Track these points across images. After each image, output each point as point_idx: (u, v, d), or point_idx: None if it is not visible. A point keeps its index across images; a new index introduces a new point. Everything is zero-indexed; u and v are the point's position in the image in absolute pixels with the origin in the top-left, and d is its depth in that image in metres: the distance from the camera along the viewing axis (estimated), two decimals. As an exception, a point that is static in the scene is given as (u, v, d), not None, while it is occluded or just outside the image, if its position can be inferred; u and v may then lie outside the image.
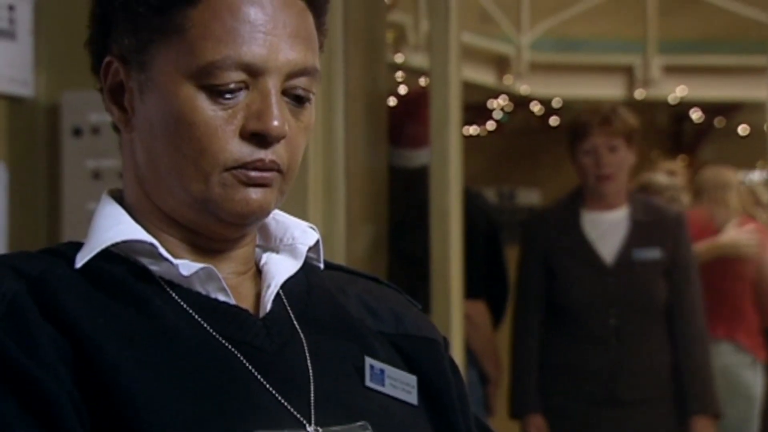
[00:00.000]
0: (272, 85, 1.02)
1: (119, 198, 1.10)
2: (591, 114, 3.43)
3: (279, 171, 1.04)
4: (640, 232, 3.37)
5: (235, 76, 1.01)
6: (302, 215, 1.14)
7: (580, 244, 3.38)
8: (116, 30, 1.05)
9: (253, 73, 1.02)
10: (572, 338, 3.35)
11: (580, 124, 3.43)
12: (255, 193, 1.03)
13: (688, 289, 3.39)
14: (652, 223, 3.39)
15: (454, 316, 3.23)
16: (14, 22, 2.93)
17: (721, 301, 4.31)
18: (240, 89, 1.02)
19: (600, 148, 3.35)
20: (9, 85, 2.93)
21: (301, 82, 1.04)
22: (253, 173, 1.02)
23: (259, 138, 1.02)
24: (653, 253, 3.35)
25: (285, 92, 1.04)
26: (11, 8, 2.93)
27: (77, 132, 2.95)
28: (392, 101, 3.79)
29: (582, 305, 3.34)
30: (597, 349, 3.31)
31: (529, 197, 8.48)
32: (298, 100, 1.05)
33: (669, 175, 5.01)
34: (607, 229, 3.40)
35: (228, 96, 1.01)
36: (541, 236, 3.46)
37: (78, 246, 1.06)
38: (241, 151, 1.02)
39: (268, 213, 1.06)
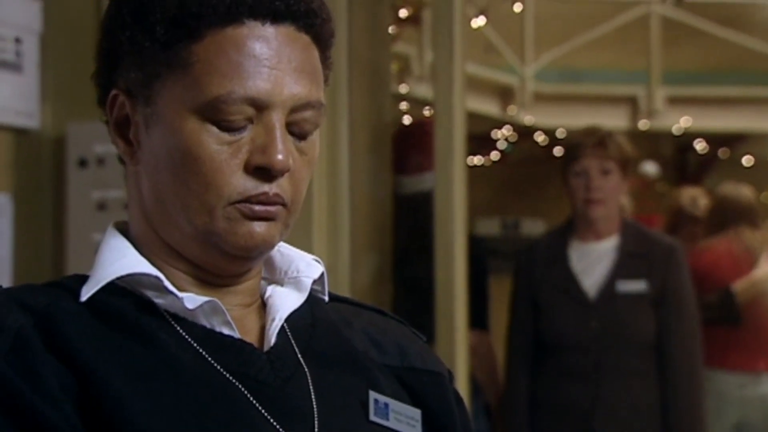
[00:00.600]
0: (277, 119, 1.03)
1: (124, 231, 1.10)
2: (585, 135, 3.31)
3: (283, 205, 1.04)
4: (626, 263, 3.21)
5: (241, 111, 1.02)
6: (307, 245, 1.14)
7: (564, 276, 3.25)
8: (123, 64, 1.05)
9: (258, 107, 1.02)
10: (556, 374, 3.22)
11: (573, 145, 3.31)
12: (259, 227, 1.03)
13: (677, 323, 3.20)
14: (642, 254, 3.23)
15: (458, 346, 3.22)
16: (21, 54, 2.95)
17: (759, 334, 4.24)
18: (245, 124, 1.02)
19: (591, 171, 3.21)
20: (15, 117, 2.94)
21: (305, 115, 1.04)
22: (257, 207, 1.02)
23: (264, 172, 1.02)
24: (638, 286, 3.19)
25: (289, 126, 1.04)
26: (18, 41, 2.94)
27: (82, 163, 2.96)
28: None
29: (564, 340, 3.20)
30: (577, 385, 3.17)
31: (534, 227, 8.47)
32: (303, 134, 1.05)
33: (692, 200, 4.84)
34: (593, 261, 3.26)
35: (233, 130, 1.02)
36: (529, 269, 3.33)
37: (83, 279, 1.06)
38: (245, 185, 1.02)
39: (272, 247, 1.06)
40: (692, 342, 3.23)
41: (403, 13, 5.66)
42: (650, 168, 4.00)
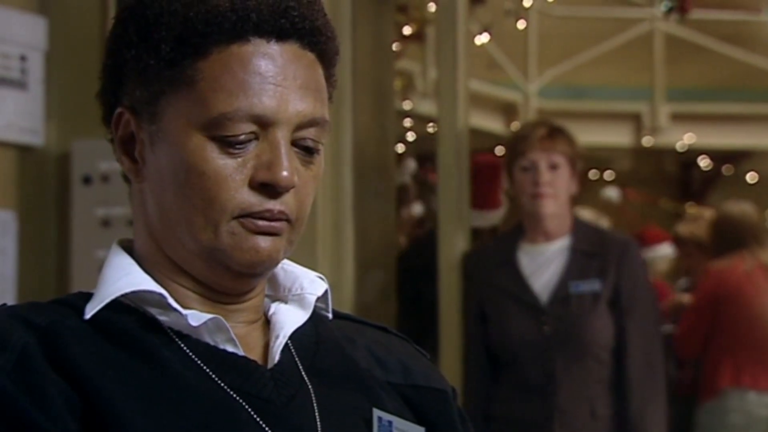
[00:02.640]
0: (282, 136, 1.03)
1: (129, 248, 1.10)
2: (532, 128, 3.09)
3: (287, 221, 1.04)
4: (579, 263, 2.98)
5: (246, 128, 1.02)
6: (311, 262, 1.14)
7: (513, 280, 3.01)
8: (128, 82, 1.06)
9: (263, 124, 1.03)
10: (510, 388, 2.98)
11: (520, 138, 3.07)
12: (264, 242, 1.03)
13: (632, 324, 2.96)
14: (595, 253, 3.00)
15: (461, 365, 3.20)
16: (26, 72, 2.96)
17: None
18: (250, 140, 1.03)
19: (539, 164, 2.98)
20: (20, 135, 2.95)
21: (310, 132, 1.05)
22: (260, 222, 1.03)
23: (269, 188, 1.02)
24: (592, 286, 2.95)
25: (294, 143, 1.05)
26: (23, 58, 2.95)
27: (87, 180, 2.96)
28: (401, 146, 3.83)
29: (515, 349, 2.96)
30: (532, 397, 2.93)
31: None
32: (308, 151, 1.05)
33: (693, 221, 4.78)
34: (544, 262, 3.03)
35: (238, 146, 1.02)
36: (476, 276, 3.12)
37: (87, 296, 1.06)
38: (249, 200, 1.02)
39: (277, 262, 1.06)
40: (649, 345, 3.00)
41: (406, 30, 5.68)
42: (612, 193, 3.72)
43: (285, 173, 1.02)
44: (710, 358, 4.15)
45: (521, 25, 6.75)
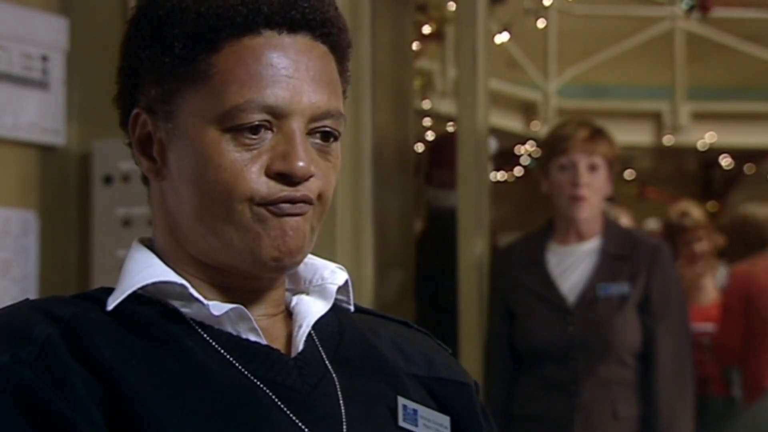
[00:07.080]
0: (297, 126, 1.03)
1: (149, 246, 1.11)
2: (574, 127, 3.04)
3: (310, 203, 1.04)
4: (608, 266, 2.97)
5: (259, 117, 1.02)
6: (330, 260, 1.14)
7: (540, 280, 3.01)
8: (143, 83, 1.06)
9: (278, 115, 1.03)
10: (533, 386, 2.98)
11: (561, 137, 3.04)
12: (290, 225, 1.03)
13: (662, 328, 2.95)
14: (625, 255, 2.98)
15: (482, 365, 3.20)
16: (47, 72, 2.97)
17: None
18: (264, 129, 1.03)
19: (579, 165, 2.98)
20: (41, 135, 2.96)
21: (325, 124, 1.05)
22: (284, 205, 1.03)
23: (285, 178, 1.03)
24: (621, 289, 2.94)
25: (310, 135, 1.05)
26: (45, 59, 2.97)
27: (108, 180, 2.97)
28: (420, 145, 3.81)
29: (541, 349, 2.96)
30: (555, 397, 2.93)
31: (558, 243, 8.43)
32: (325, 137, 1.05)
33: (681, 214, 4.77)
34: (572, 263, 3.03)
35: (252, 136, 1.02)
36: (504, 274, 3.11)
37: (109, 291, 1.07)
38: (268, 188, 1.02)
39: (304, 250, 1.05)
40: (680, 349, 2.99)
41: (426, 29, 5.69)
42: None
43: (301, 163, 1.02)
44: (750, 360, 4.11)
45: (541, 23, 6.75)
